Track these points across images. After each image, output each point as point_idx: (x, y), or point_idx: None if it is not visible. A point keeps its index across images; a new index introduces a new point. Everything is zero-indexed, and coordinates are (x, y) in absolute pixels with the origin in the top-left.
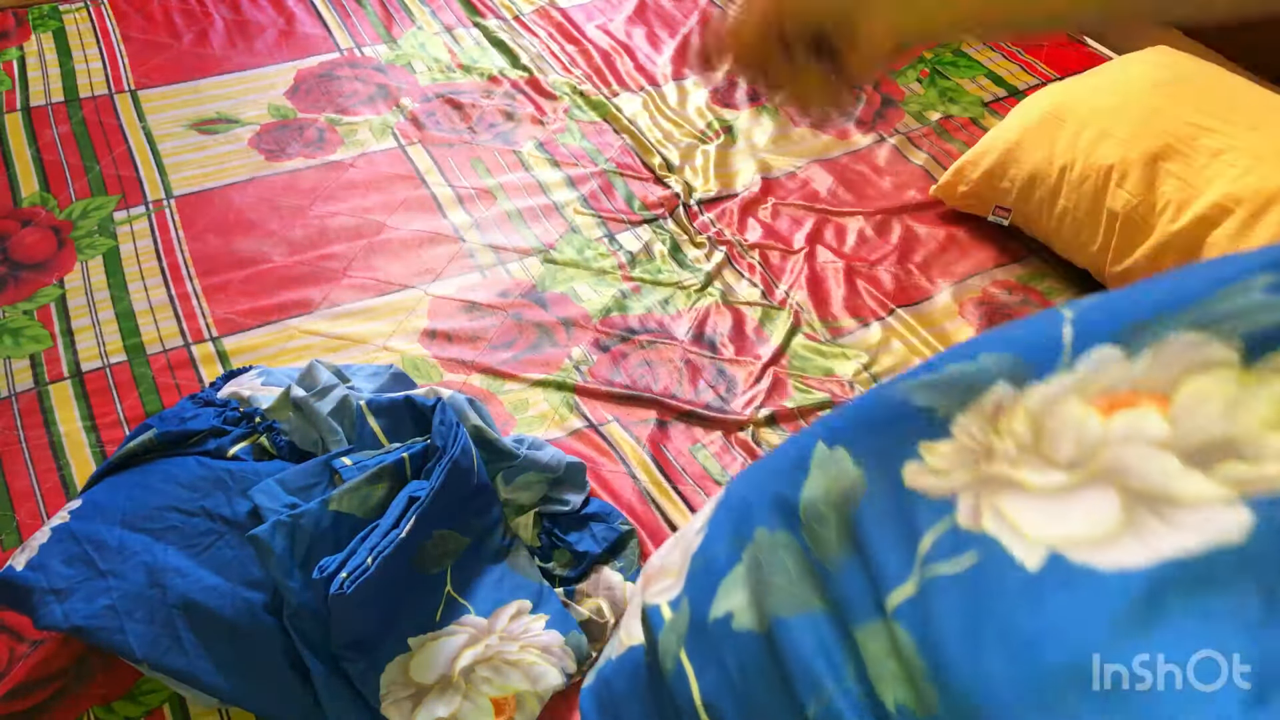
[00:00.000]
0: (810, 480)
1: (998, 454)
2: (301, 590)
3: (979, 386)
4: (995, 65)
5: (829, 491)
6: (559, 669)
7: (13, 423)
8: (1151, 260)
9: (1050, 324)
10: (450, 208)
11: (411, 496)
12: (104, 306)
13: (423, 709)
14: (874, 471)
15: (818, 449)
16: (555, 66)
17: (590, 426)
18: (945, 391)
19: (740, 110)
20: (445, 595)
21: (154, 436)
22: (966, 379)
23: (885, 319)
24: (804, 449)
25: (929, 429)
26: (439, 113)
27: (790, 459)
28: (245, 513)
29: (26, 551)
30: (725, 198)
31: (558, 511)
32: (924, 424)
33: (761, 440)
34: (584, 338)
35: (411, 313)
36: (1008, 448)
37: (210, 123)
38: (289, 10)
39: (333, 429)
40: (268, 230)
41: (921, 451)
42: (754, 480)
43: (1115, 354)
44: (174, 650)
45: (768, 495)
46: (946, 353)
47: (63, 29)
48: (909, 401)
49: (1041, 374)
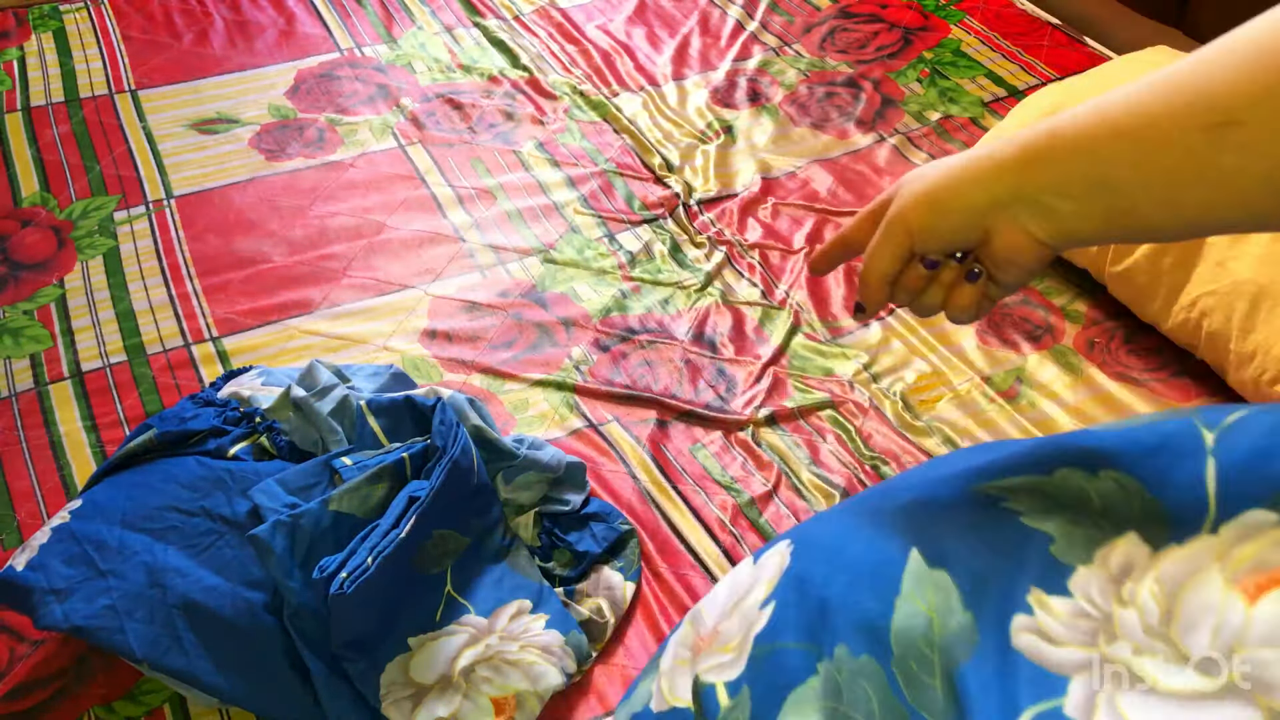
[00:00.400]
0: (904, 603)
1: (1121, 632)
2: (301, 590)
3: (1103, 533)
4: (995, 65)
5: (933, 629)
6: (559, 669)
7: (13, 423)
8: (1151, 260)
9: (1191, 459)
10: (450, 208)
11: (411, 496)
12: (104, 306)
13: (423, 709)
14: (987, 621)
15: (913, 562)
16: (555, 66)
17: (590, 426)
18: (1062, 518)
19: (740, 110)
20: (445, 595)
21: (154, 436)
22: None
23: (885, 319)
24: (894, 551)
25: (1044, 574)
26: (439, 113)
27: (875, 558)
28: (245, 513)
29: (26, 551)
30: (725, 198)
31: (558, 511)
32: (1038, 564)
33: (761, 440)
34: (584, 338)
35: (411, 313)
36: (1133, 625)
37: (210, 123)
38: (289, 10)
39: (333, 429)
40: (268, 230)
41: (1033, 603)
42: (831, 568)
43: (1268, 519)
44: (174, 650)
45: (850, 607)
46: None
47: (63, 29)
48: (1019, 520)
49: (1181, 537)
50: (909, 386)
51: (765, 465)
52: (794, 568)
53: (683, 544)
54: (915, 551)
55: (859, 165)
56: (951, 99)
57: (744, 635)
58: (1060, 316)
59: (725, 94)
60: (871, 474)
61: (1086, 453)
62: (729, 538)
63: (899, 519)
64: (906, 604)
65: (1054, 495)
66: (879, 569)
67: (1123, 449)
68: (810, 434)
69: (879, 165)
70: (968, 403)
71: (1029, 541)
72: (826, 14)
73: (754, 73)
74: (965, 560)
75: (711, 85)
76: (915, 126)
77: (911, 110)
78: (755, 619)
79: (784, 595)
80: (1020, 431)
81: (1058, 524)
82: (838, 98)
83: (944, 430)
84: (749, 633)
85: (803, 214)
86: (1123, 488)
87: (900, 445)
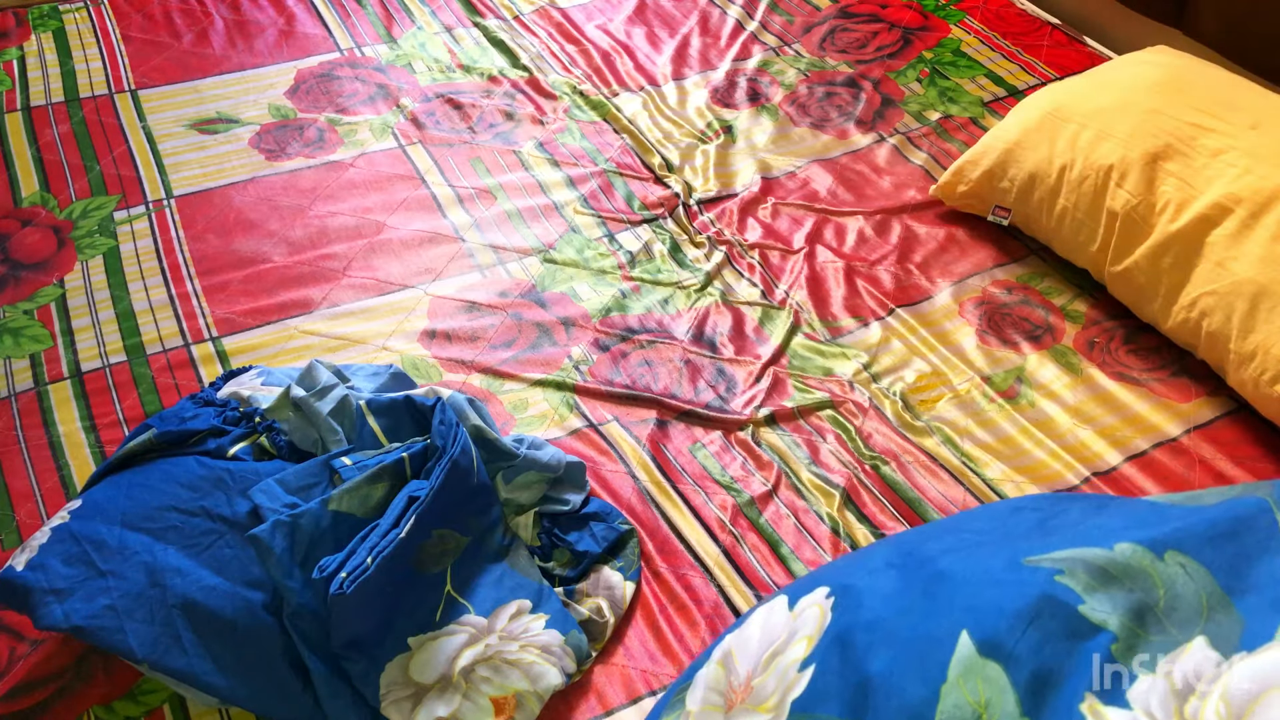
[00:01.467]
0: (951, 692)
1: None
2: (301, 590)
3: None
4: (995, 65)
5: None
6: (559, 668)
7: (12, 423)
8: (1151, 260)
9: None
10: (450, 207)
11: (411, 496)
12: (104, 306)
13: (423, 709)
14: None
15: (962, 647)
16: (555, 66)
17: (590, 426)
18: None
19: (740, 110)
20: (445, 595)
21: (154, 436)
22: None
23: (885, 319)
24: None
25: (1103, 681)
26: (439, 113)
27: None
28: (245, 512)
29: (26, 551)
30: (725, 197)
31: (557, 511)
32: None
33: (761, 440)
34: (584, 337)
35: (411, 313)
36: None
37: (210, 122)
38: (289, 10)
39: (332, 429)
40: (268, 230)
41: (1087, 713)
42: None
43: None
44: (174, 650)
45: (894, 690)
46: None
47: (63, 29)
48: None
49: (1253, 642)
50: (909, 386)
51: (765, 465)
52: (835, 627)
53: (682, 544)
54: (965, 635)
55: (859, 165)
56: (951, 99)
57: (781, 697)
58: (1060, 316)
59: (725, 94)
60: (871, 474)
61: (1150, 527)
62: (729, 537)
63: (948, 589)
64: (954, 694)
65: (1116, 576)
66: (927, 651)
67: (1191, 529)
68: (810, 434)
69: (879, 165)
70: (967, 402)
71: (1089, 640)
72: (826, 14)
73: (754, 72)
74: (1021, 657)
75: (711, 85)
76: (915, 126)
77: (911, 110)
78: (793, 681)
79: (824, 660)
80: (1020, 431)
81: (1121, 620)
82: (838, 97)
83: (944, 430)
84: (786, 696)
85: (803, 214)
86: (1190, 576)
87: (900, 445)
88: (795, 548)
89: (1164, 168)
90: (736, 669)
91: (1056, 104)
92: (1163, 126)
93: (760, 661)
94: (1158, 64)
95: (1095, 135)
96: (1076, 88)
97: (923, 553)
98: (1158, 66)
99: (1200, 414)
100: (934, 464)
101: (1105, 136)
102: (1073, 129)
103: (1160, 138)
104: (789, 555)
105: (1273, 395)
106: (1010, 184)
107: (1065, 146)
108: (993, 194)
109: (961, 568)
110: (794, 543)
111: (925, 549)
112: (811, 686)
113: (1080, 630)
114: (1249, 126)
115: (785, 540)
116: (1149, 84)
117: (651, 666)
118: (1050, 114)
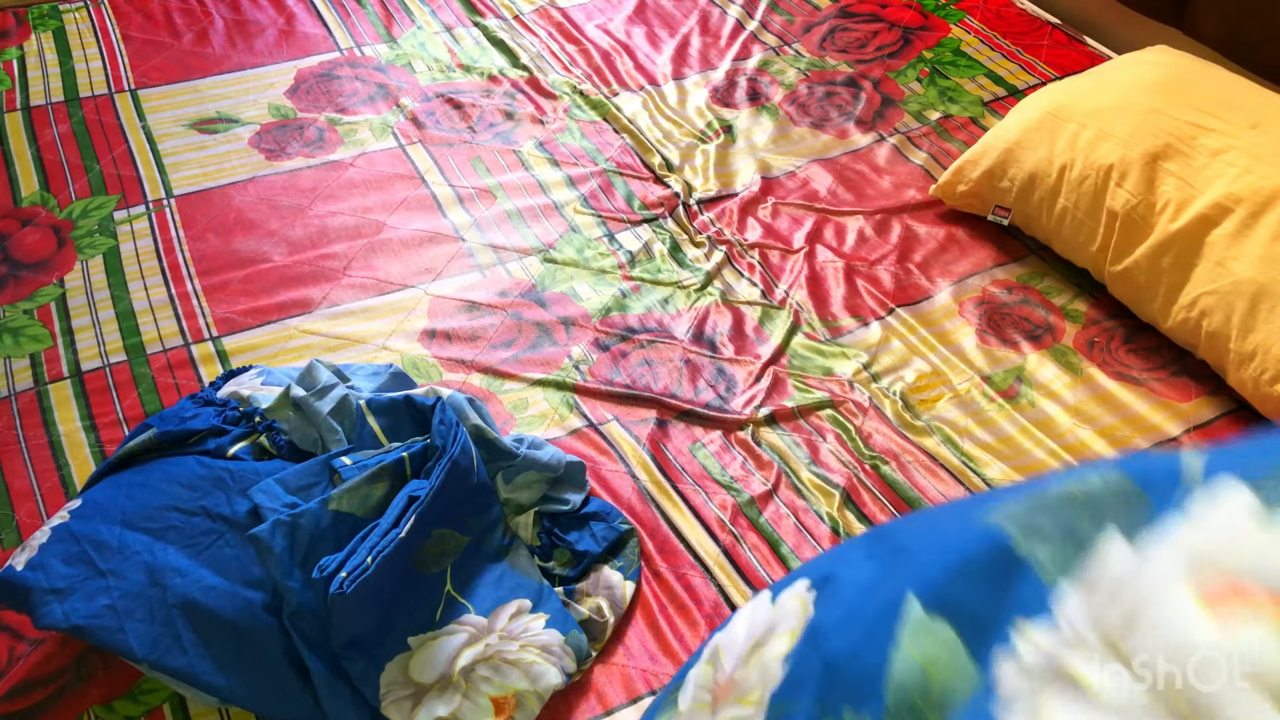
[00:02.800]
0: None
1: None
2: (301, 590)
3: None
4: (995, 65)
5: (931, 683)
6: (559, 668)
7: (12, 422)
8: (1151, 260)
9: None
10: (450, 207)
11: (411, 496)
12: (104, 306)
13: (423, 708)
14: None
15: (910, 609)
16: (555, 66)
17: (590, 426)
18: (1049, 535)
19: (740, 110)
20: (445, 594)
21: (154, 436)
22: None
23: (885, 318)
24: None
25: (1030, 601)
26: (439, 112)
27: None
28: (245, 512)
29: (26, 551)
30: (725, 197)
31: (557, 511)
32: (1026, 591)
33: (761, 439)
34: (584, 337)
35: (411, 312)
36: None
37: (210, 122)
38: (289, 10)
39: (332, 428)
40: (268, 230)
41: (1016, 639)
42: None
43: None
44: (174, 650)
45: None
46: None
47: (63, 29)
48: (1009, 545)
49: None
50: (909, 386)
51: (765, 465)
52: (815, 617)
53: (682, 543)
54: (912, 597)
55: (859, 165)
56: (951, 98)
57: (762, 689)
58: (1060, 316)
59: (725, 93)
60: (871, 473)
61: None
62: (728, 537)
63: (903, 559)
64: (901, 655)
65: (1045, 508)
66: (880, 621)
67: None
68: (810, 433)
69: (879, 165)
70: (967, 402)
71: (1019, 569)
72: (826, 13)
73: (754, 72)
74: (962, 605)
75: (711, 85)
76: (915, 126)
77: (911, 110)
78: (772, 673)
79: (800, 650)
80: (1020, 431)
81: (1043, 542)
82: (837, 97)
83: (944, 430)
84: (766, 686)
85: (802, 213)
86: (1105, 481)
87: (900, 445)
88: (795, 547)
89: (1164, 167)
90: (723, 665)
91: (1056, 104)
92: (1163, 126)
93: (743, 654)
94: (1158, 64)
95: (1095, 135)
96: (1076, 87)
97: (896, 538)
98: (1158, 66)
99: (1200, 414)
100: (934, 464)
101: (1105, 136)
102: (1073, 129)
103: (1160, 137)
104: (789, 555)
105: (1273, 395)
106: (1010, 184)
107: (1065, 146)
108: (993, 194)
109: (917, 539)
110: (794, 542)
111: (898, 535)
112: (788, 677)
113: (1013, 564)
114: (1249, 126)
115: (785, 540)
116: (1149, 84)
117: (651, 666)
118: (1050, 114)
